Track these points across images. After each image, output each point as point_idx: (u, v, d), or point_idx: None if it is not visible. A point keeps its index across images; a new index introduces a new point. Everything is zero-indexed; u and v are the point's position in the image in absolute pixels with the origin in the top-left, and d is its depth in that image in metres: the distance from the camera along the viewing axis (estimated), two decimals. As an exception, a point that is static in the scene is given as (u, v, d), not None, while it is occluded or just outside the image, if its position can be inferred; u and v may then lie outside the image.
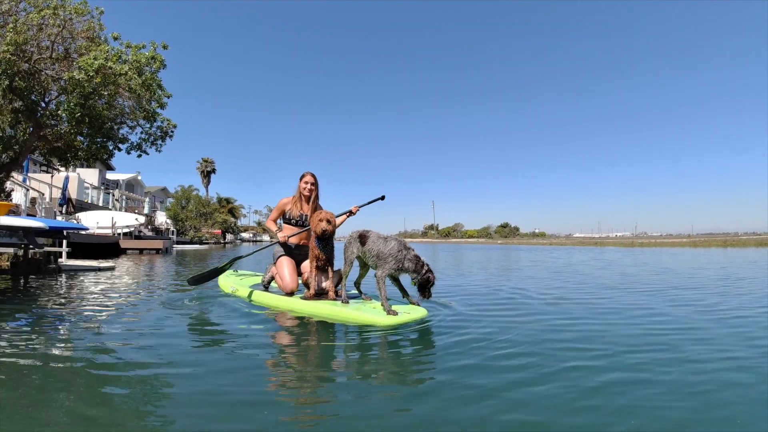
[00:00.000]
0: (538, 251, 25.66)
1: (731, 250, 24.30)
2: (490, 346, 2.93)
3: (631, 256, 17.79)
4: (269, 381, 2.33)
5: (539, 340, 3.14)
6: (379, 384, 2.27)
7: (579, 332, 3.41)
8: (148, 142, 12.15)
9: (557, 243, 54.89)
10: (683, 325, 3.71)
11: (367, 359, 2.78)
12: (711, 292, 5.96)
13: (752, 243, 34.85)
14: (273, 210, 4.95)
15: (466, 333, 3.35)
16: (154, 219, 34.96)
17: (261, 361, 2.66)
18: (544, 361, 2.59)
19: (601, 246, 38.45)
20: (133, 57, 10.04)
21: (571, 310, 4.45)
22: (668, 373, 2.38)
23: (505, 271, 10.15)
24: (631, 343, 3.02)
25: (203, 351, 2.92)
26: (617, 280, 7.87)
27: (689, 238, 56.97)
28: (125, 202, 32.78)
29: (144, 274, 8.68)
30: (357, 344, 3.17)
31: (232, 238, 53.84)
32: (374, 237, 3.98)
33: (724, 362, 2.61)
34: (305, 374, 2.45)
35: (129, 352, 2.76)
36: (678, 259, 15.25)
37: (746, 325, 3.74)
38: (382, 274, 3.80)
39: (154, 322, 3.76)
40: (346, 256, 4.10)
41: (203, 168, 62.40)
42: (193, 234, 40.75)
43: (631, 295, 5.73)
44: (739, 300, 5.19)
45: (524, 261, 14.85)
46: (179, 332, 3.40)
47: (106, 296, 5.27)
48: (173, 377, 2.29)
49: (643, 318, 4.02)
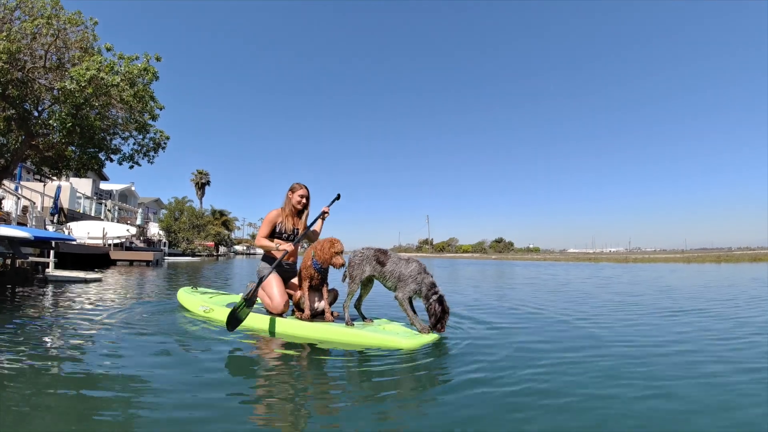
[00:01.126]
0: (536, 267, 25.62)
1: (725, 266, 24.33)
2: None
3: (631, 273, 17.74)
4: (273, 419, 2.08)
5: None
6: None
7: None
8: (140, 153, 12.08)
9: (552, 258, 54.99)
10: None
11: (389, 398, 2.35)
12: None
13: (746, 258, 35.04)
14: (263, 224, 4.41)
15: (491, 358, 3.09)
16: (147, 230, 34.72)
17: (254, 394, 2.42)
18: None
19: (596, 262, 38.51)
20: (126, 68, 9.99)
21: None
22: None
23: (537, 292, 8.83)
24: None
25: (188, 381, 2.54)
26: (672, 304, 6.64)
27: (683, 254, 57.15)
28: (118, 213, 32.59)
29: (130, 287, 8.51)
30: (365, 372, 2.85)
31: (225, 250, 53.55)
32: (395, 259, 3.81)
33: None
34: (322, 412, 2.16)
35: (101, 367, 2.66)
36: (683, 276, 15.25)
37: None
38: (403, 297, 3.71)
39: (125, 339, 3.60)
40: (355, 274, 3.83)
41: (198, 180, 62.25)
42: (185, 246, 40.48)
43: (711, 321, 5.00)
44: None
45: (541, 279, 14.73)
46: (161, 362, 2.96)
47: (86, 309, 5.14)
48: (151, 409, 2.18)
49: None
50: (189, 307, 4.87)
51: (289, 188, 4.47)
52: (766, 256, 36.35)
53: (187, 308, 4.89)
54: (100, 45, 10.84)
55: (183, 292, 5.29)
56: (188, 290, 5.36)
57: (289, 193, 4.43)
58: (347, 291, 3.88)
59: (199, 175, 62.50)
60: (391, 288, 3.85)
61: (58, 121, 10.27)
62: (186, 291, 5.30)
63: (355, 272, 3.84)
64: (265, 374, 2.82)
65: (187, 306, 4.92)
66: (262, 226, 4.42)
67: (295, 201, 4.39)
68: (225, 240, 54.14)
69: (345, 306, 3.86)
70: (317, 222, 4.45)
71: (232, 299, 4.96)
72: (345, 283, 3.98)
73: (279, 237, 4.35)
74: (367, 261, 3.84)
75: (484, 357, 3.13)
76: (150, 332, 3.89)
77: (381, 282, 3.93)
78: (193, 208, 45.68)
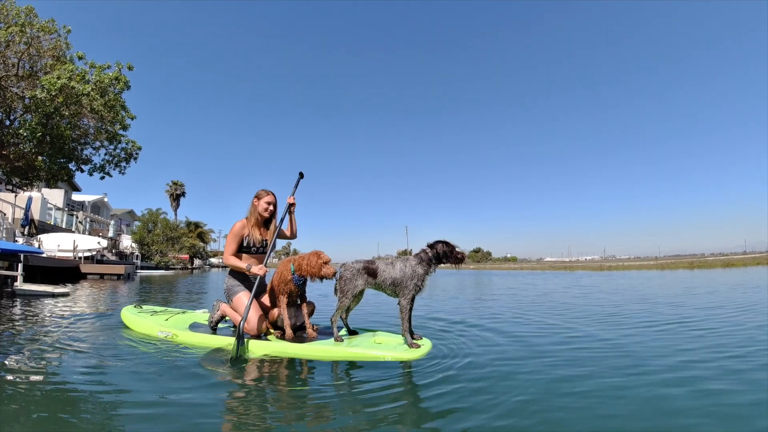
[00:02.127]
0: (513, 277, 25.78)
1: (698, 272, 24.90)
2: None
3: (610, 280, 18.01)
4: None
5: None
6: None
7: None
8: (112, 163, 11.86)
9: (528, 267, 55.60)
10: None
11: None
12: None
13: (719, 264, 35.95)
14: (229, 240, 3.96)
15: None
16: (119, 243, 33.97)
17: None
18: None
19: (572, 270, 39.05)
20: (97, 77, 9.84)
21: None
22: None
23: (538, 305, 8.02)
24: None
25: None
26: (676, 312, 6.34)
27: (656, 261, 58.43)
28: (89, 225, 31.83)
29: (97, 302, 8.19)
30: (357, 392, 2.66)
31: (200, 263, 52.65)
32: (382, 266, 3.63)
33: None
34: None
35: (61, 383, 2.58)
36: (667, 282, 15.46)
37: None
38: (406, 303, 3.51)
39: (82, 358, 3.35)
40: (347, 289, 3.64)
41: (173, 191, 61.01)
42: (158, 259, 39.64)
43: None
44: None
45: (521, 288, 14.81)
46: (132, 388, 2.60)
47: (45, 324, 4.94)
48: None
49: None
50: (142, 331, 4.24)
51: (254, 195, 4.08)
52: (738, 261, 37.29)
53: (140, 332, 4.25)
54: (72, 53, 10.70)
55: (128, 312, 4.64)
56: (132, 309, 4.72)
57: (255, 200, 4.05)
58: (338, 306, 3.68)
59: (174, 186, 61.31)
60: (391, 295, 3.70)
61: (28, 130, 10.03)
62: (130, 311, 4.66)
63: (347, 287, 3.65)
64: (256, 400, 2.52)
65: (140, 330, 4.28)
66: (228, 242, 3.97)
67: (262, 209, 4.01)
68: (200, 252, 53.22)
69: (333, 321, 3.69)
70: (286, 219, 4.17)
71: (190, 318, 4.49)
72: (335, 297, 3.78)
73: (247, 251, 3.97)
74: (358, 275, 3.65)
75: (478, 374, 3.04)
76: (106, 353, 3.48)
77: (381, 291, 3.75)
78: (168, 219, 44.78)
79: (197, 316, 4.62)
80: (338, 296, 3.70)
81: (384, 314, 5.91)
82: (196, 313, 4.79)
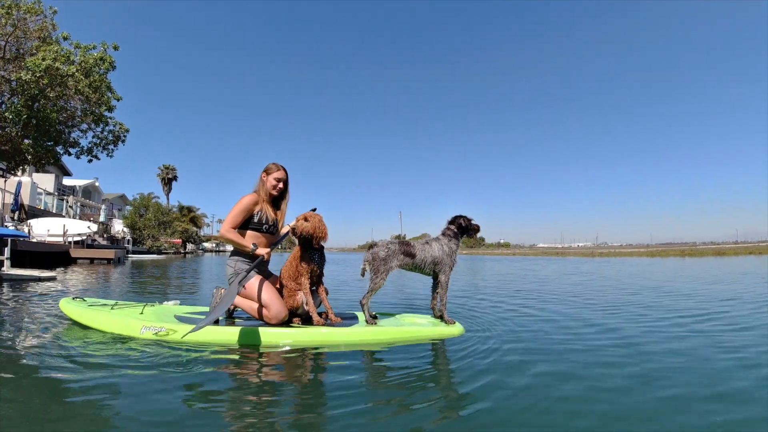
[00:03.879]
0: (516, 262, 25.78)
1: (689, 260, 25.01)
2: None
3: (610, 267, 18.10)
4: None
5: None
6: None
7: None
8: (99, 146, 11.69)
9: (521, 253, 55.91)
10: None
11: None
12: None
13: (710, 252, 36.19)
14: (234, 212, 3.46)
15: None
16: (111, 227, 33.79)
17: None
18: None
19: (563, 256, 39.29)
20: (82, 58, 9.66)
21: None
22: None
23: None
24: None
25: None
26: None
27: (647, 248, 58.94)
28: (80, 210, 31.60)
29: (84, 287, 8.07)
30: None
31: (193, 248, 52.44)
32: (419, 247, 3.70)
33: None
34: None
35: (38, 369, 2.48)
36: (668, 270, 15.51)
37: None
38: (446, 279, 3.72)
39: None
40: (382, 269, 3.56)
41: (164, 175, 60.08)
42: (151, 243, 39.46)
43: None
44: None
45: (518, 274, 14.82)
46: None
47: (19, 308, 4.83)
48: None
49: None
50: (115, 330, 3.33)
51: (263, 170, 3.65)
52: (730, 250, 37.55)
53: (110, 332, 3.34)
54: (58, 35, 10.47)
55: (75, 306, 3.69)
56: (78, 303, 3.80)
57: (263, 175, 3.62)
58: (371, 287, 3.56)
59: (166, 170, 60.35)
60: (428, 274, 3.82)
61: (14, 113, 9.87)
62: (77, 305, 3.73)
63: (382, 267, 3.58)
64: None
65: (112, 329, 3.35)
66: (231, 214, 3.48)
67: (270, 185, 3.58)
68: (193, 237, 53.00)
69: (364, 303, 3.55)
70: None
71: (167, 311, 3.84)
72: (365, 278, 3.68)
73: (258, 229, 3.54)
74: (394, 255, 3.62)
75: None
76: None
77: (417, 272, 3.79)
78: (160, 204, 44.42)
79: (176, 309, 4.00)
80: (372, 276, 3.61)
81: (380, 301, 5.71)
82: (167, 305, 4.09)
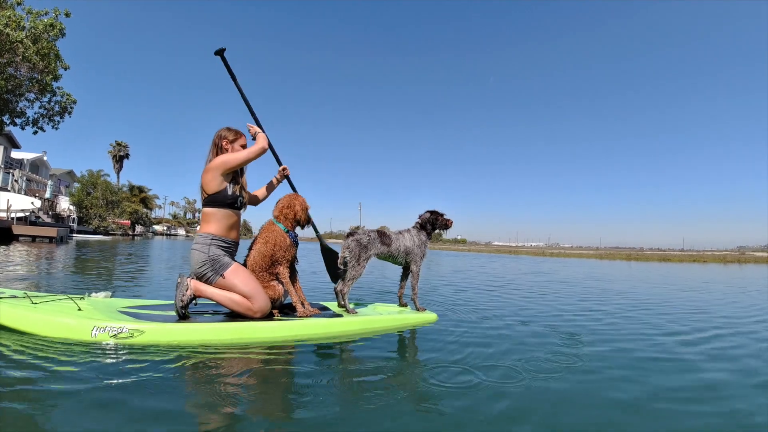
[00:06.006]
0: (477, 259, 26.16)
1: (635, 264, 26.13)
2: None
3: (568, 268, 18.61)
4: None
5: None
6: None
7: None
8: (45, 117, 11.03)
9: (476, 250, 57.05)
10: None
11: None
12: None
13: (656, 258, 37.95)
14: (217, 168, 2.90)
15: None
16: (57, 204, 32.18)
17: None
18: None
19: (516, 254, 40.32)
20: (32, 24, 9.10)
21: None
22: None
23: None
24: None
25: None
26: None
27: (596, 251, 61.27)
28: (25, 184, 29.95)
29: (14, 266, 7.42)
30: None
31: (142, 230, 50.68)
32: (395, 236, 3.72)
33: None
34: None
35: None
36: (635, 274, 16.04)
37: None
38: (418, 269, 3.79)
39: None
40: (363, 257, 3.46)
41: (116, 152, 57.20)
42: (97, 223, 37.87)
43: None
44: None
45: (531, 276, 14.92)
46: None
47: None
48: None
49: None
50: (41, 331, 2.48)
51: (219, 137, 3.06)
52: (674, 257, 39.60)
53: (63, 337, 2.44)
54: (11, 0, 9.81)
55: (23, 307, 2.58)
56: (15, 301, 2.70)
57: (224, 143, 3.04)
58: (350, 275, 3.42)
59: (118, 147, 57.49)
60: (401, 263, 3.84)
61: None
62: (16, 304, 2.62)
63: (363, 254, 3.47)
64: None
65: (63, 331, 2.46)
66: (231, 156, 2.95)
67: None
68: (143, 219, 51.16)
69: (344, 293, 3.41)
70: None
71: (107, 304, 3.00)
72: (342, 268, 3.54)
73: (232, 205, 3.00)
74: (373, 243, 3.55)
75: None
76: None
77: (390, 261, 3.79)
78: (108, 182, 42.42)
79: (113, 302, 3.15)
80: (352, 265, 3.45)
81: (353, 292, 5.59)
82: (95, 297, 3.20)
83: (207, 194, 2.95)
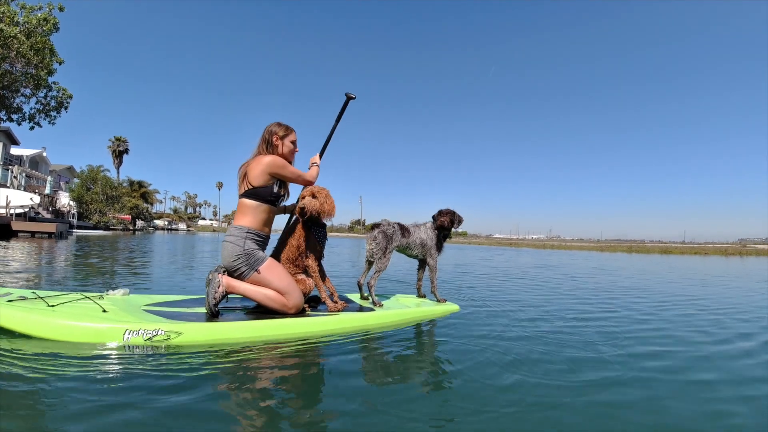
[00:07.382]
0: (480, 251, 26.03)
1: (636, 256, 26.10)
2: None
3: (544, 259, 18.57)
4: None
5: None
6: None
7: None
8: (42, 113, 10.97)
9: (477, 243, 57.04)
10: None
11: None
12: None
13: (657, 250, 37.93)
14: (285, 167, 2.95)
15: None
16: (56, 200, 32.15)
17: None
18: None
19: (517, 247, 40.37)
20: (26, 18, 9.02)
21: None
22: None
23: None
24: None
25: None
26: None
27: (597, 243, 61.25)
28: (25, 180, 29.94)
29: (14, 263, 7.17)
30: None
31: (143, 225, 50.68)
32: (412, 228, 3.76)
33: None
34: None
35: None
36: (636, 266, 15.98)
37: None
38: (435, 263, 3.81)
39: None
40: (389, 249, 3.47)
41: (115, 147, 57.11)
42: (97, 218, 37.87)
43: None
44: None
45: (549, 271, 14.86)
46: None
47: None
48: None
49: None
50: (67, 337, 2.28)
51: (269, 132, 3.04)
52: (676, 249, 39.54)
53: (43, 337, 2.28)
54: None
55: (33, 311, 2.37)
56: (23, 304, 2.47)
57: (275, 138, 3.03)
58: (377, 268, 3.44)
59: (117, 142, 57.35)
60: (416, 256, 3.85)
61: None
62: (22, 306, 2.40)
63: (389, 246, 3.48)
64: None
65: (58, 335, 2.28)
66: (287, 167, 2.96)
67: (288, 150, 3.09)
68: (143, 213, 51.16)
69: (371, 285, 3.39)
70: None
71: (128, 302, 2.85)
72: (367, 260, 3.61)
73: (274, 202, 2.98)
74: (396, 235, 3.57)
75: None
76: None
77: (406, 253, 3.82)
78: (108, 177, 42.39)
79: (133, 299, 3.03)
80: (380, 257, 3.46)
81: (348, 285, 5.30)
82: (113, 295, 3.01)
83: (252, 186, 2.88)
